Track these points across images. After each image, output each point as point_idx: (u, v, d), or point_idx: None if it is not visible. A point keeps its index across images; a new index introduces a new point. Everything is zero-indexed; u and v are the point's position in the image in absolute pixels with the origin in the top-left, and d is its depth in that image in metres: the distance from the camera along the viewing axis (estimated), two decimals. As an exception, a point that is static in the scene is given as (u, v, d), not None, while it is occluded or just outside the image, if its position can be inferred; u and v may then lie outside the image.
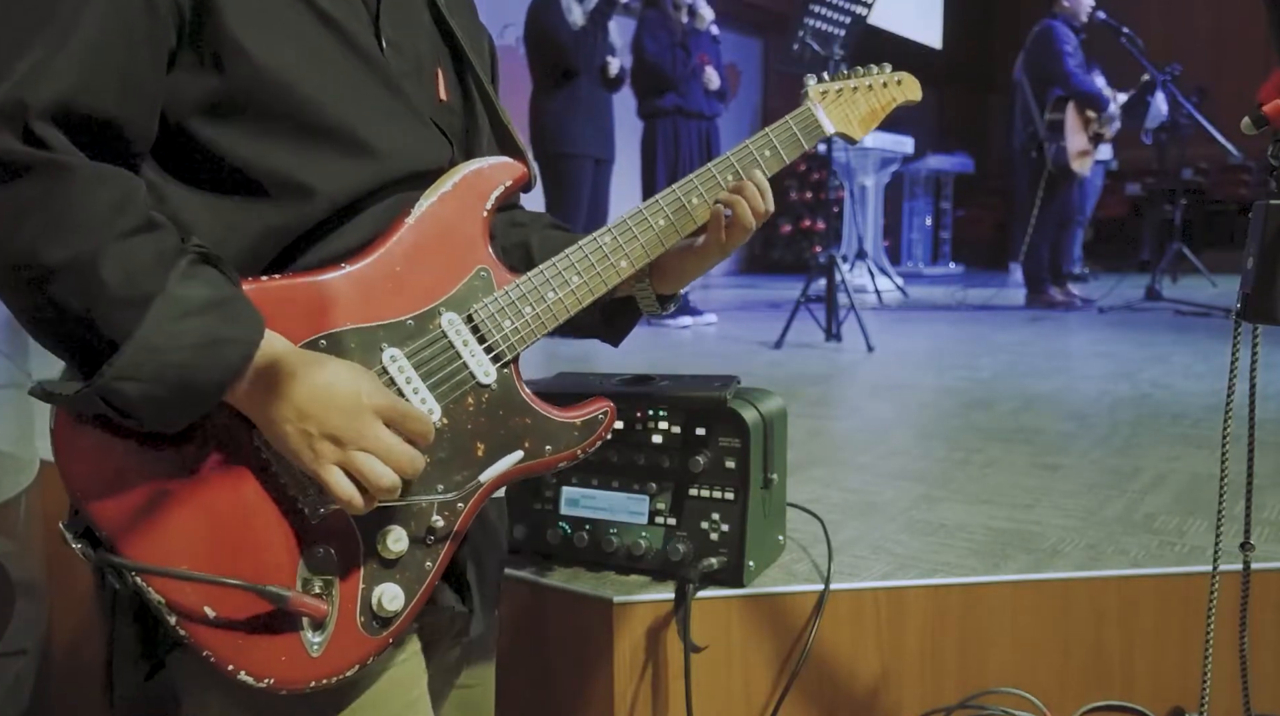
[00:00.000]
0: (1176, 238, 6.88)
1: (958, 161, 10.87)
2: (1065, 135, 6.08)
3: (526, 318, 1.00)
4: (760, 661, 1.46)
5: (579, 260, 1.04)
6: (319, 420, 0.84)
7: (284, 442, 0.85)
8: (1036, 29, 6.31)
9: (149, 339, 0.78)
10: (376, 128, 0.95)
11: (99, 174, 0.80)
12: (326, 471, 0.85)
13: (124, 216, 0.80)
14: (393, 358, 0.92)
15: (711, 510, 1.41)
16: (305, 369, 0.84)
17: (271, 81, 0.88)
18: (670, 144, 5.59)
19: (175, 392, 0.79)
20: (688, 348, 4.69)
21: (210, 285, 0.82)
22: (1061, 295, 6.42)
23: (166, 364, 0.78)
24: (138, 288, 0.78)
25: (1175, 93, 6.54)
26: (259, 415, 0.85)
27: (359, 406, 0.85)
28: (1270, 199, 0.93)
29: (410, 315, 0.94)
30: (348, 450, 0.85)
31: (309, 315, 0.89)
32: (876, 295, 7.14)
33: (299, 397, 0.84)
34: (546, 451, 1.02)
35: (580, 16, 5.06)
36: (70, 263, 0.77)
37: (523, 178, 1.03)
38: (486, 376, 0.98)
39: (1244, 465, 1.05)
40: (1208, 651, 1.06)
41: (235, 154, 0.89)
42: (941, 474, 2.19)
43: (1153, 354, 4.18)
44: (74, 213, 0.77)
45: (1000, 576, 1.53)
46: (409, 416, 0.88)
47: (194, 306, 0.80)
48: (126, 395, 0.77)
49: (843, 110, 1.23)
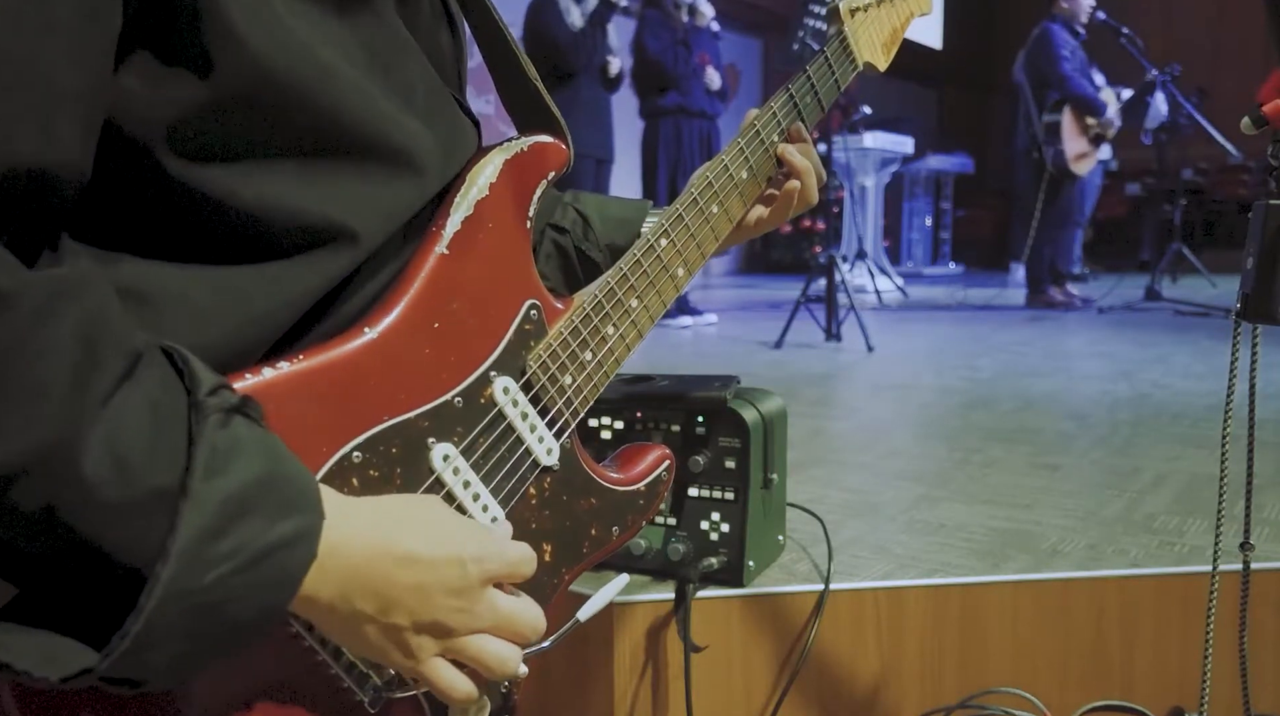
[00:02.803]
0: (1176, 238, 6.88)
1: (958, 161, 10.87)
2: (1063, 138, 6.08)
3: (588, 368, 0.80)
4: (760, 661, 1.46)
5: (638, 277, 0.84)
6: (411, 609, 0.61)
7: (360, 644, 0.62)
8: (1035, 31, 6.31)
9: (181, 580, 0.51)
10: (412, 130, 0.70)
11: (47, 297, 0.49)
12: (431, 669, 0.64)
13: (101, 364, 0.51)
14: (446, 457, 0.70)
15: (711, 510, 1.41)
16: (379, 541, 0.60)
17: (285, 80, 0.60)
18: (672, 143, 5.60)
19: (215, 642, 0.54)
20: (688, 348, 4.69)
21: (250, 457, 0.55)
22: (1061, 295, 6.42)
23: (202, 607, 0.52)
24: (141, 482, 0.51)
25: (1175, 93, 6.54)
26: (321, 617, 0.60)
27: (465, 582, 0.63)
28: (1270, 199, 0.93)
29: (457, 391, 0.71)
30: (455, 638, 0.64)
31: (332, 415, 0.64)
32: (876, 295, 7.14)
33: (381, 587, 0.60)
34: (614, 533, 0.85)
35: (579, 18, 5.06)
36: (26, 460, 0.48)
37: (565, 160, 0.80)
38: (549, 455, 0.78)
39: (1244, 465, 1.05)
40: (1208, 651, 1.05)
41: (234, 195, 0.61)
42: (941, 474, 2.19)
43: (1152, 354, 4.18)
44: (23, 375, 0.48)
45: (1000, 576, 1.53)
46: (518, 562, 0.67)
47: (237, 505, 0.53)
48: (149, 666, 0.51)
49: (869, 33, 1.08)
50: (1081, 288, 6.87)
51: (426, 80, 0.73)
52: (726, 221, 0.92)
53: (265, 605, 0.55)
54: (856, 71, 1.06)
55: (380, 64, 0.68)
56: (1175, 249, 6.89)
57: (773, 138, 0.96)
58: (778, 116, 0.96)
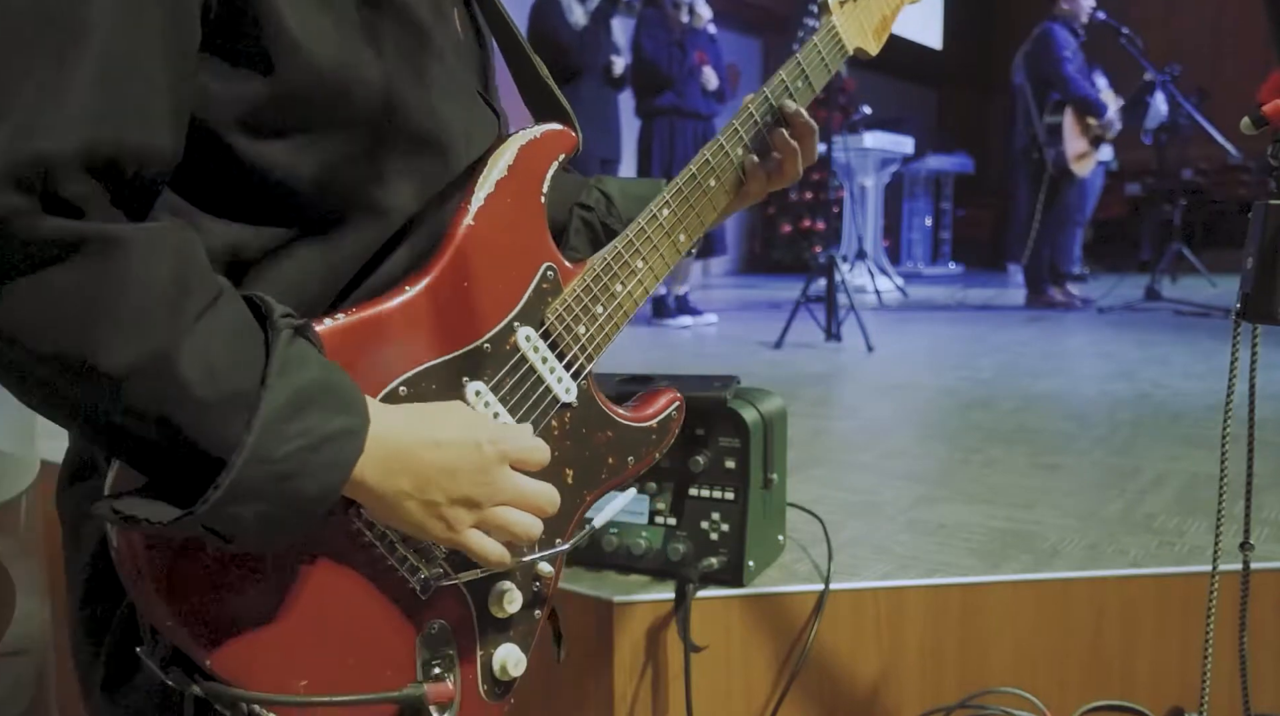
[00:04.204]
0: (1176, 238, 6.88)
1: (957, 161, 10.87)
2: (1064, 139, 6.08)
3: (599, 319, 0.92)
4: (760, 661, 1.46)
5: (642, 242, 0.96)
6: (444, 487, 0.75)
7: (407, 520, 0.75)
8: (1036, 32, 6.31)
9: (260, 449, 0.64)
10: (443, 116, 0.83)
11: (151, 241, 0.64)
12: (467, 538, 0.77)
13: (192, 293, 0.65)
14: (477, 393, 0.84)
15: (711, 510, 1.41)
16: (413, 432, 0.74)
17: (333, 79, 0.74)
18: (666, 143, 5.58)
19: (289, 507, 0.67)
20: (688, 347, 4.69)
21: (313, 366, 0.69)
22: (1061, 295, 6.42)
23: (278, 475, 0.65)
24: (228, 383, 0.64)
25: (1175, 93, 6.54)
26: (371, 499, 0.73)
27: (484, 460, 0.77)
28: (1270, 199, 0.93)
29: (486, 338, 0.85)
30: (484, 509, 0.77)
31: (381, 357, 0.78)
32: (876, 295, 7.14)
33: (416, 467, 0.74)
34: (629, 462, 0.97)
35: (582, 16, 5.05)
36: (138, 365, 0.62)
37: (574, 145, 0.91)
38: (568, 393, 0.90)
39: (1244, 465, 1.05)
40: (1207, 651, 1.06)
41: (295, 174, 0.75)
42: (941, 474, 2.19)
43: (1152, 354, 4.18)
44: (132, 300, 0.62)
45: (1000, 576, 1.54)
46: (530, 449, 0.80)
47: (304, 398, 0.67)
48: (240, 519, 0.65)
49: (859, 19, 1.15)
50: (1081, 288, 6.86)
51: (450, 75, 0.85)
52: (724, 194, 1.03)
53: (325, 483, 0.68)
54: (846, 56, 1.14)
55: (410, 62, 0.80)
56: (1175, 249, 6.89)
57: (766, 118, 1.05)
58: (769, 99, 1.05)
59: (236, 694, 0.71)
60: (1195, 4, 11.25)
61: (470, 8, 0.95)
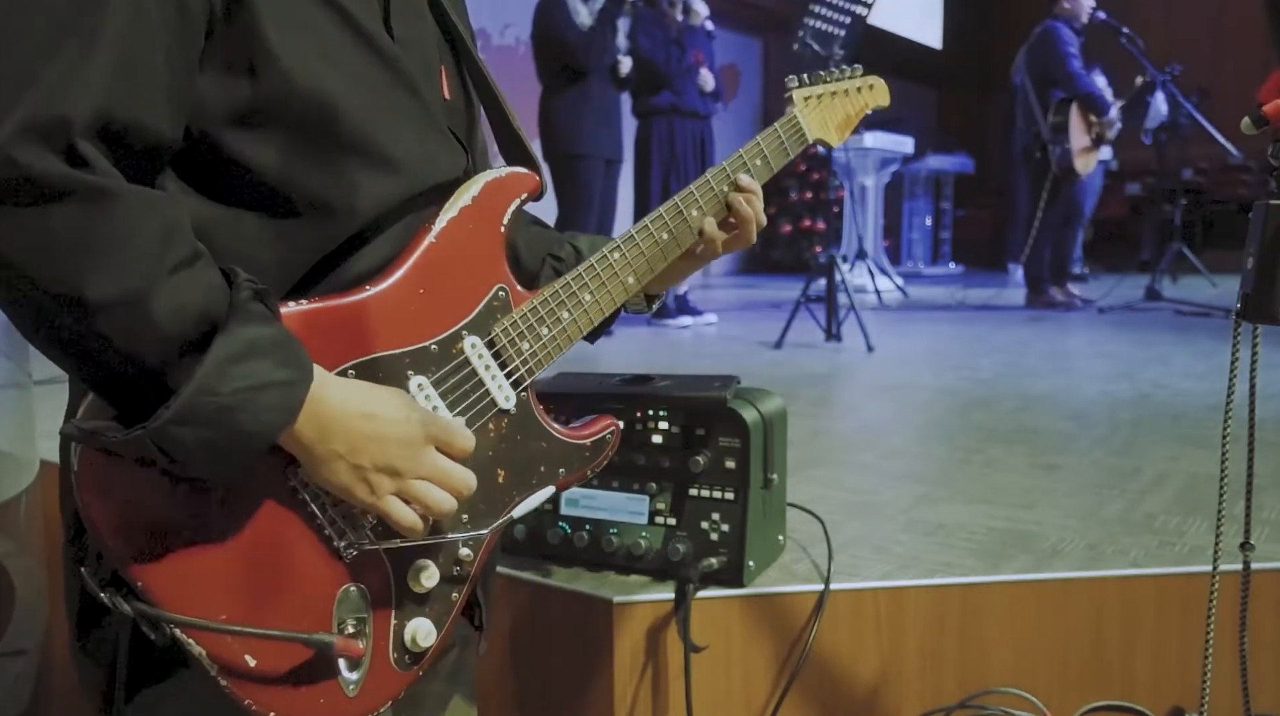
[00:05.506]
0: (1176, 238, 6.88)
1: (957, 161, 10.87)
2: (1070, 137, 6.07)
3: (544, 339, 1.01)
4: (760, 661, 1.46)
5: (591, 278, 1.05)
6: (371, 454, 0.83)
7: (335, 480, 0.83)
8: (1038, 30, 6.30)
9: (207, 382, 0.73)
10: (402, 140, 0.92)
11: (144, 200, 0.75)
12: (387, 503, 0.85)
13: (172, 248, 0.75)
14: (419, 386, 0.92)
15: (711, 510, 1.41)
16: (351, 402, 0.83)
17: (304, 91, 0.84)
18: (665, 143, 5.54)
19: (231, 439, 0.75)
20: (688, 348, 4.69)
21: (267, 324, 0.78)
22: (1061, 295, 6.41)
23: (223, 407, 0.74)
24: (193, 326, 0.75)
25: (1175, 93, 6.53)
26: (306, 455, 0.82)
27: (411, 435, 0.85)
28: (1270, 199, 0.93)
29: (434, 340, 0.93)
30: (405, 480, 0.85)
31: (337, 342, 0.87)
32: (876, 295, 7.14)
33: (349, 432, 0.82)
34: (560, 474, 1.04)
35: (588, 16, 5.02)
36: (119, 299, 0.72)
37: (536, 188, 1.03)
38: (507, 401, 0.98)
39: (1244, 465, 1.05)
40: (1208, 651, 1.06)
41: (265, 168, 0.84)
42: (941, 474, 2.19)
43: (1153, 354, 4.18)
44: (120, 244, 0.72)
45: (1000, 576, 1.54)
46: (455, 434, 0.88)
47: (254, 347, 0.76)
48: (183, 441, 0.73)
49: (822, 116, 1.27)
50: (1081, 288, 6.86)
51: (422, 108, 0.95)
52: (675, 246, 1.12)
53: (264, 422, 0.76)
54: (806, 145, 1.25)
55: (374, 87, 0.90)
56: (1175, 249, 6.88)
57: (723, 188, 1.15)
58: (727, 171, 1.16)
59: (161, 614, 0.78)
60: (1195, 4, 11.25)
61: (460, 67, 1.07)
